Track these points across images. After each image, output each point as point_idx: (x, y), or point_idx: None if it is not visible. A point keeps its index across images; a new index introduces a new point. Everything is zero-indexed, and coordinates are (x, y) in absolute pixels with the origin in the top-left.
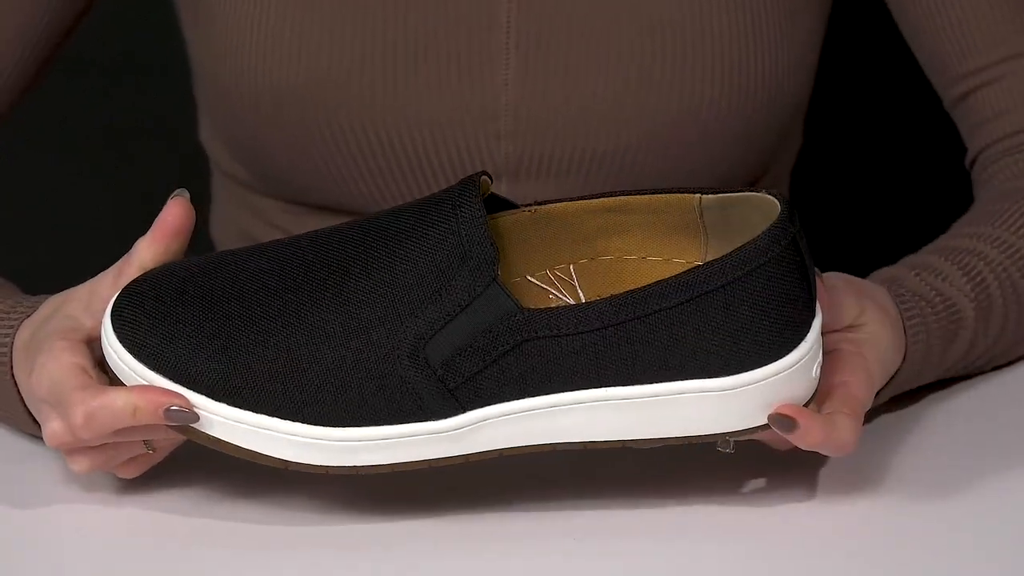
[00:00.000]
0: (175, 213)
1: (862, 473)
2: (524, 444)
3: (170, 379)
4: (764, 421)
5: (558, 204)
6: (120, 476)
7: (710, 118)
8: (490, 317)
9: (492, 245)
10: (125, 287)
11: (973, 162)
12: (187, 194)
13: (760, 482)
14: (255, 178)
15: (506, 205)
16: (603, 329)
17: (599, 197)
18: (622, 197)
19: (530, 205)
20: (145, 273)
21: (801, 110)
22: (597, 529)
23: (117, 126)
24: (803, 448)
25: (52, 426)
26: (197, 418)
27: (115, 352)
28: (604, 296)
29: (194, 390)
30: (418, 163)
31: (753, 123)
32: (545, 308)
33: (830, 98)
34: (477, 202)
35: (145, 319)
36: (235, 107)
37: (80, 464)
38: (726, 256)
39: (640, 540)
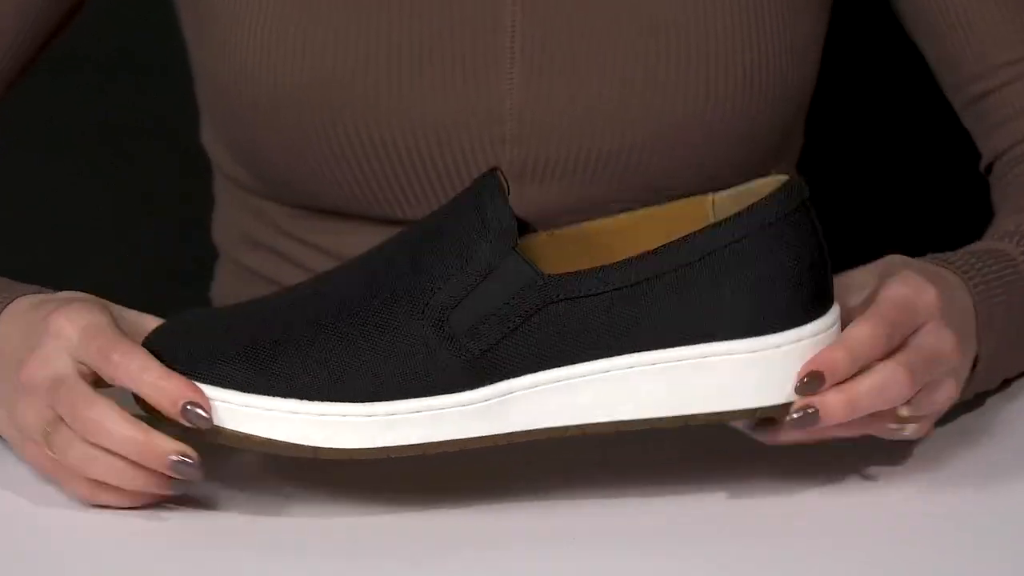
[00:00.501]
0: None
1: (871, 472)
2: (552, 426)
3: (199, 380)
4: (789, 399)
5: (576, 227)
6: (64, 487)
7: (715, 119)
8: (512, 284)
9: (511, 215)
10: (146, 337)
11: (992, 163)
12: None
13: (767, 481)
14: (256, 181)
15: (524, 228)
16: (622, 289)
17: (614, 215)
18: (637, 212)
19: (548, 230)
20: (159, 326)
21: (803, 108)
22: (600, 528)
23: (117, 125)
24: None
25: (43, 351)
26: (210, 423)
27: None
28: None
29: (223, 386)
30: (422, 166)
31: (758, 123)
32: (564, 273)
33: (831, 98)
34: (497, 181)
35: (174, 336)
36: (235, 108)
37: (33, 414)
38: (738, 213)
39: (641, 538)
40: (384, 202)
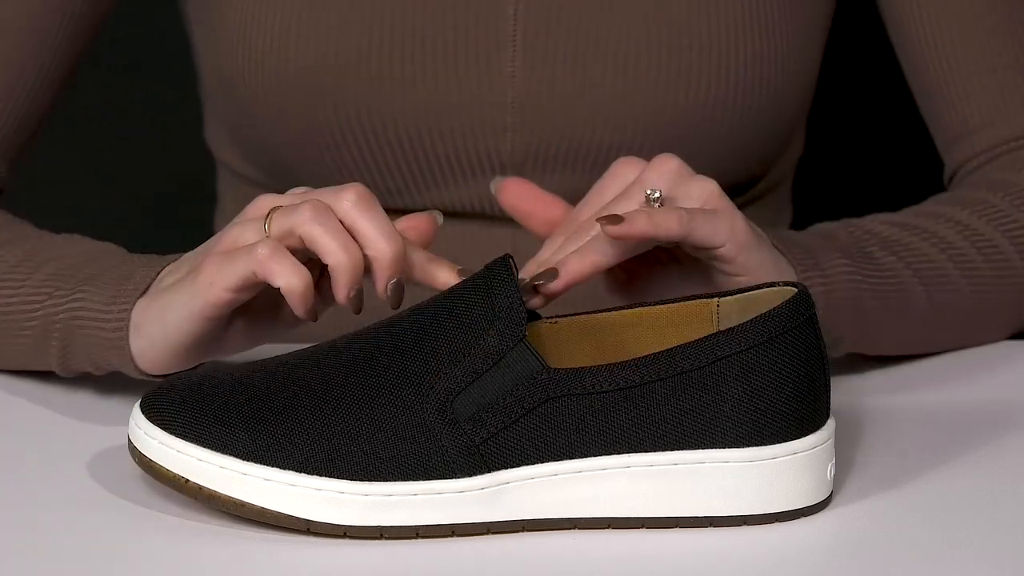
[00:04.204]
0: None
1: (866, 477)
2: (545, 517)
3: (200, 445)
4: (779, 508)
5: (579, 317)
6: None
7: (717, 111)
8: (517, 375)
9: (522, 305)
10: (145, 394)
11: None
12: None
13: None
14: (263, 175)
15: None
16: (626, 389)
17: (619, 310)
18: (638, 309)
19: (551, 317)
20: (159, 384)
21: (805, 105)
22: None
23: (118, 125)
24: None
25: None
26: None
27: (144, 430)
28: None
29: (222, 452)
30: (424, 155)
31: (758, 117)
32: (570, 368)
33: (831, 102)
34: (509, 270)
35: (172, 404)
36: (243, 98)
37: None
38: (746, 323)
39: (638, 534)
40: (387, 191)
